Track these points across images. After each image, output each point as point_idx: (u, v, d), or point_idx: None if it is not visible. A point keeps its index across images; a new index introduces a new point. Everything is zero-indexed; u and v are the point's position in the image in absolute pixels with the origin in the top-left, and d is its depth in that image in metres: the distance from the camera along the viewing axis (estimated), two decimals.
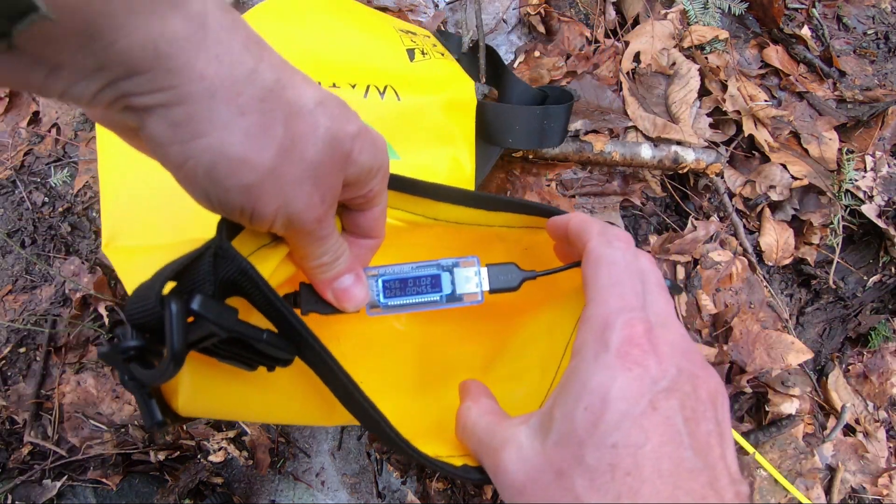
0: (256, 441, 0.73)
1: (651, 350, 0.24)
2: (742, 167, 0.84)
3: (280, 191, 0.24)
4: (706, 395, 0.25)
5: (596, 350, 0.25)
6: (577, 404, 0.24)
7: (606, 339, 0.25)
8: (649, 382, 0.24)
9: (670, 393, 0.24)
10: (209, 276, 0.24)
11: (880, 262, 0.84)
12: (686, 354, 0.25)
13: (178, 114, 0.21)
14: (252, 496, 0.74)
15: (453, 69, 0.63)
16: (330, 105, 0.25)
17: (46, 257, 0.73)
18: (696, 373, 0.25)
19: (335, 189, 0.26)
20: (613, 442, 0.22)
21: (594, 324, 0.26)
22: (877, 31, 0.93)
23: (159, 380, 0.23)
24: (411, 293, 0.34)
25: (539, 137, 0.67)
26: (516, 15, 0.85)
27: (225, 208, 0.24)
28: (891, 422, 0.82)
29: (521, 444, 0.26)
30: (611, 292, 0.27)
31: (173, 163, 0.22)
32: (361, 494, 0.75)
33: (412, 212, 0.37)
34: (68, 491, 0.70)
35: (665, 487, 0.22)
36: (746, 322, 0.77)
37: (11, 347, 0.71)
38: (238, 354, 0.26)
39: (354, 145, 0.26)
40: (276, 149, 0.23)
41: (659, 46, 0.82)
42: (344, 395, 0.29)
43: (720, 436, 0.24)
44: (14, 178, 0.75)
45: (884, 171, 0.83)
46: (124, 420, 0.71)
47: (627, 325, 0.25)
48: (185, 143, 0.21)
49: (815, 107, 0.86)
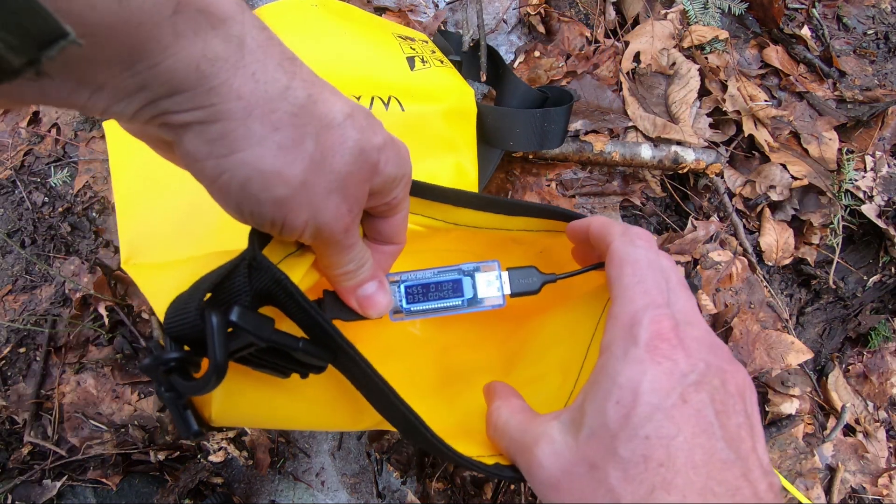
0: (256, 441, 0.73)
1: (679, 345, 0.25)
2: (742, 167, 0.84)
3: (310, 203, 0.24)
4: (735, 389, 0.25)
5: (625, 346, 0.25)
6: (607, 398, 0.24)
7: (635, 334, 0.25)
8: (679, 376, 0.24)
9: (700, 386, 0.24)
10: (245, 288, 0.25)
11: (880, 262, 0.84)
12: (713, 350, 0.26)
13: (215, 130, 0.22)
14: (252, 496, 0.74)
15: (453, 77, 0.63)
16: (358, 118, 0.26)
17: (46, 257, 0.73)
18: (724, 367, 0.25)
19: (362, 199, 0.27)
20: (646, 434, 0.23)
21: (622, 321, 0.26)
22: (877, 31, 0.93)
23: (202, 391, 0.23)
24: (433, 298, 0.35)
25: (539, 139, 0.67)
26: (516, 15, 0.85)
27: (257, 220, 0.25)
28: (891, 422, 0.82)
29: (553, 439, 0.26)
30: (636, 290, 0.27)
31: (208, 177, 0.23)
32: (361, 494, 0.75)
33: (432, 217, 0.38)
34: (68, 491, 0.70)
35: (698, 478, 0.22)
36: (746, 322, 0.77)
37: (11, 347, 0.71)
38: (273, 363, 0.27)
39: (381, 156, 0.26)
40: (307, 162, 0.24)
41: (659, 46, 0.82)
42: (379, 398, 0.30)
43: (750, 428, 0.25)
44: (14, 178, 0.75)
45: (884, 171, 0.83)
46: (124, 420, 0.71)
47: (655, 321, 0.25)
48: (221, 158, 0.22)
49: (815, 107, 0.86)
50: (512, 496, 0.71)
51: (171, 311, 0.24)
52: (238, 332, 0.23)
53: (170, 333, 0.24)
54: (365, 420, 0.35)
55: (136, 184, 0.49)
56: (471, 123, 0.62)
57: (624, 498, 0.22)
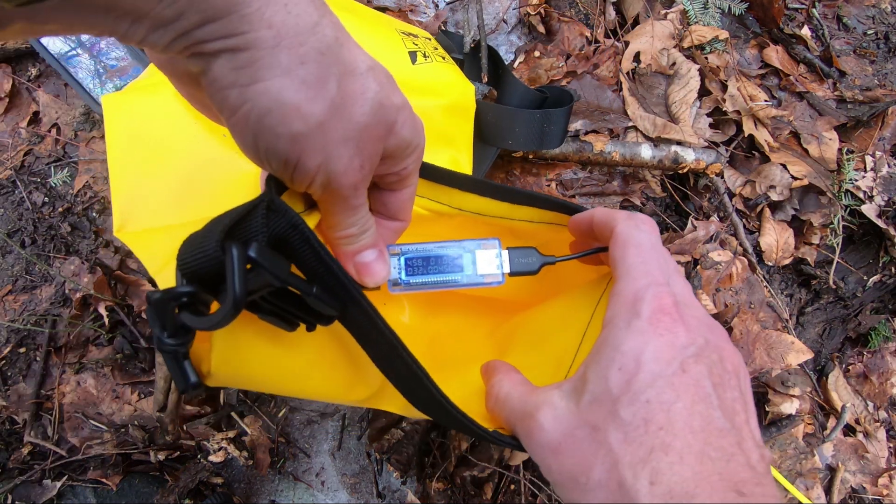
0: (256, 441, 0.73)
1: (680, 320, 0.26)
2: (742, 167, 0.84)
3: (325, 146, 0.25)
4: (731, 366, 0.26)
5: (628, 318, 0.26)
6: (610, 366, 0.25)
7: (638, 309, 0.26)
8: (679, 348, 0.25)
9: (699, 359, 0.25)
10: (262, 229, 0.24)
11: (880, 262, 0.84)
12: (712, 329, 0.27)
13: (243, 59, 0.22)
14: (252, 496, 0.74)
15: (454, 73, 0.63)
16: (379, 73, 0.26)
17: (46, 257, 0.73)
18: (721, 345, 0.26)
19: (374, 157, 0.27)
20: (647, 398, 0.24)
21: (625, 297, 0.27)
22: (877, 31, 0.93)
23: (216, 325, 0.23)
24: (433, 272, 0.34)
25: (539, 140, 0.67)
26: (516, 15, 0.85)
27: (271, 158, 0.25)
28: (891, 422, 0.82)
29: (555, 405, 0.27)
30: (639, 269, 0.28)
31: (230, 106, 0.23)
32: (361, 494, 0.75)
33: (438, 200, 0.38)
34: (68, 491, 0.70)
35: (696, 442, 0.22)
36: (746, 322, 0.77)
37: (11, 347, 0.71)
38: (283, 310, 0.26)
39: (399, 116, 0.27)
40: (328, 103, 0.24)
41: (659, 46, 0.82)
42: (387, 352, 0.29)
43: (745, 404, 0.25)
44: (14, 178, 0.75)
45: (884, 171, 0.83)
46: (124, 420, 0.71)
47: (657, 297, 0.26)
48: (245, 86, 0.23)
49: (815, 107, 0.86)
50: (512, 496, 0.71)
51: (186, 247, 0.24)
52: (254, 271, 0.23)
53: (183, 269, 0.23)
54: (358, 390, 0.35)
55: (131, 155, 0.49)
56: (469, 120, 0.62)
57: (624, 458, 0.23)
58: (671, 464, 0.22)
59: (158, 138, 0.49)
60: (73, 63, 0.71)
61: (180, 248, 0.24)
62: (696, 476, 0.22)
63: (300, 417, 0.76)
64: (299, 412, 0.76)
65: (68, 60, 0.71)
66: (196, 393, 0.27)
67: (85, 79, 0.70)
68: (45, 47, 0.70)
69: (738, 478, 0.22)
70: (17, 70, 0.78)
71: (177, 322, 0.24)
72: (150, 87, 0.52)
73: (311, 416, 0.76)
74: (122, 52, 0.72)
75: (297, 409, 0.76)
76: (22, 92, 0.78)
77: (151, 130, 0.49)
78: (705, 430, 0.23)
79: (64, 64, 0.70)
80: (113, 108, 0.50)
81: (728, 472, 0.22)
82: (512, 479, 0.72)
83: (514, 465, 0.72)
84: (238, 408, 0.74)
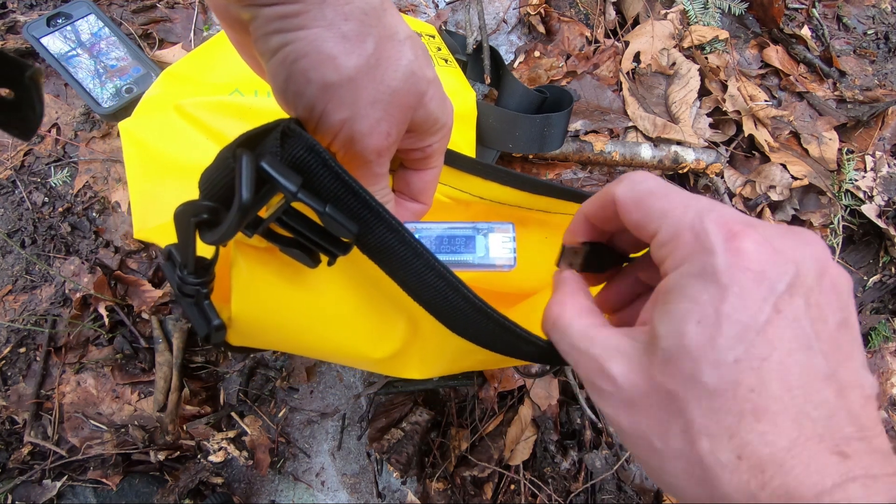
0: (256, 441, 0.73)
1: (762, 242, 0.20)
2: (742, 167, 0.84)
3: (353, 103, 0.25)
4: (829, 283, 0.21)
5: (699, 258, 0.21)
6: (686, 318, 0.20)
7: (705, 242, 0.21)
8: (770, 283, 0.20)
9: (793, 290, 0.20)
10: (276, 150, 0.25)
11: (880, 262, 0.84)
12: (798, 241, 0.21)
13: (291, 9, 0.23)
14: (252, 496, 0.74)
15: (456, 77, 0.63)
16: (416, 44, 0.27)
17: (46, 257, 0.73)
18: (814, 260, 0.21)
19: (402, 125, 0.27)
20: (735, 357, 0.19)
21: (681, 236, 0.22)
22: (877, 31, 0.93)
23: (225, 235, 0.23)
24: (446, 251, 0.35)
25: (539, 143, 0.67)
26: (516, 15, 0.85)
27: (298, 102, 0.25)
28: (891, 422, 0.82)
29: (629, 356, 0.22)
30: (677, 204, 0.23)
31: (271, 49, 0.24)
32: (361, 494, 0.75)
33: (459, 188, 0.38)
34: (68, 491, 0.70)
35: (794, 402, 0.19)
36: None
37: (11, 347, 0.71)
38: (300, 236, 0.26)
39: (429, 88, 0.27)
40: (363, 60, 0.25)
41: (659, 46, 0.82)
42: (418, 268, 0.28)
43: (848, 328, 0.21)
44: (14, 178, 0.75)
45: (884, 171, 0.83)
46: (124, 420, 0.71)
47: (721, 223, 0.21)
48: (288, 32, 0.24)
49: (815, 107, 0.86)
50: (512, 496, 0.71)
51: (206, 171, 0.24)
52: (267, 185, 0.23)
53: (202, 188, 0.24)
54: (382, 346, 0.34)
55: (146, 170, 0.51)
56: (471, 127, 0.62)
57: (707, 428, 0.19)
58: (763, 433, 0.19)
59: (169, 154, 0.51)
60: (73, 63, 0.71)
61: (201, 174, 0.25)
62: (792, 444, 0.19)
63: (300, 417, 0.76)
64: (299, 412, 0.76)
65: (68, 60, 0.71)
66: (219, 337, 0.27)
67: (85, 79, 0.70)
68: (46, 47, 0.70)
69: (840, 434, 0.19)
70: None
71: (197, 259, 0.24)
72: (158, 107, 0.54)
73: (311, 416, 0.76)
74: (123, 52, 0.72)
75: (297, 409, 0.76)
76: None
77: (164, 147, 0.51)
78: (805, 385, 0.19)
79: (64, 64, 0.70)
80: (128, 132, 0.53)
81: (830, 429, 0.19)
82: (512, 480, 0.72)
83: (515, 464, 0.72)
84: (238, 408, 0.74)
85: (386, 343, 0.35)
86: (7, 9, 0.80)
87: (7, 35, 0.78)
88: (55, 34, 0.71)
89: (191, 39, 0.80)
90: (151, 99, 0.56)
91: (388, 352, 0.36)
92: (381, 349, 0.36)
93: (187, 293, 0.25)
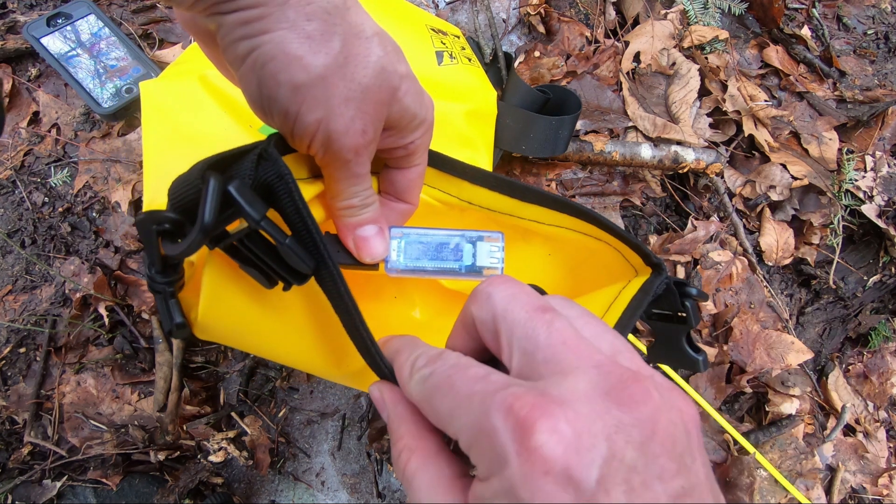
0: (256, 441, 0.73)
1: (558, 425, 0.17)
2: (742, 167, 0.84)
3: (326, 102, 0.25)
4: (661, 444, 0.18)
5: (498, 476, 0.18)
6: None
7: (497, 450, 0.18)
8: (575, 486, 0.17)
9: (608, 480, 0.17)
10: (250, 173, 0.25)
11: (880, 262, 0.84)
12: (617, 399, 0.18)
13: (253, 14, 0.24)
14: (252, 496, 0.74)
15: (478, 77, 0.63)
16: (385, 40, 0.27)
17: (46, 257, 0.73)
18: (641, 419, 0.18)
19: (377, 123, 0.27)
20: None
21: (476, 445, 0.19)
22: (877, 31, 0.93)
23: (185, 252, 0.23)
24: (432, 258, 0.34)
25: (552, 146, 0.67)
26: (516, 15, 0.85)
27: (273, 107, 0.25)
28: (891, 422, 0.82)
29: None
30: (462, 400, 0.20)
31: (239, 56, 0.25)
32: (361, 494, 0.75)
33: (447, 192, 0.38)
34: (68, 491, 0.70)
35: None
36: (746, 322, 0.77)
37: (11, 347, 0.71)
38: (259, 260, 0.27)
39: (402, 84, 0.27)
40: (331, 58, 0.25)
41: (659, 46, 0.82)
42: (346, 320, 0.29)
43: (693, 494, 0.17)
44: (14, 178, 0.75)
45: (884, 171, 0.83)
46: (124, 420, 0.71)
47: (508, 413, 0.18)
48: (253, 37, 0.24)
49: (815, 107, 0.86)
50: None
51: (177, 180, 0.25)
52: (232, 208, 0.24)
53: (171, 200, 0.25)
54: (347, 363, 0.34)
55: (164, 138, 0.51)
56: (490, 126, 0.62)
57: None
58: None
59: (188, 123, 0.51)
60: (73, 63, 0.71)
61: (172, 182, 0.25)
62: None
63: (300, 417, 0.76)
64: (299, 412, 0.76)
65: (68, 60, 0.71)
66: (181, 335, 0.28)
67: (85, 79, 0.70)
68: (45, 47, 0.70)
69: None
70: (17, 70, 0.78)
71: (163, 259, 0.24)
72: (184, 73, 0.54)
73: (311, 416, 0.76)
74: (123, 52, 0.72)
75: (297, 409, 0.76)
76: (22, 92, 0.78)
77: (183, 116, 0.51)
78: None
79: (64, 64, 0.70)
80: (150, 94, 0.52)
81: None
82: None
83: None
84: (238, 408, 0.74)
85: (350, 360, 0.35)
86: (7, 9, 0.80)
87: (7, 35, 0.78)
88: (55, 34, 0.71)
89: (191, 39, 0.80)
90: (179, 64, 0.55)
91: (351, 369, 0.36)
92: (345, 366, 0.35)
93: (156, 290, 0.26)
